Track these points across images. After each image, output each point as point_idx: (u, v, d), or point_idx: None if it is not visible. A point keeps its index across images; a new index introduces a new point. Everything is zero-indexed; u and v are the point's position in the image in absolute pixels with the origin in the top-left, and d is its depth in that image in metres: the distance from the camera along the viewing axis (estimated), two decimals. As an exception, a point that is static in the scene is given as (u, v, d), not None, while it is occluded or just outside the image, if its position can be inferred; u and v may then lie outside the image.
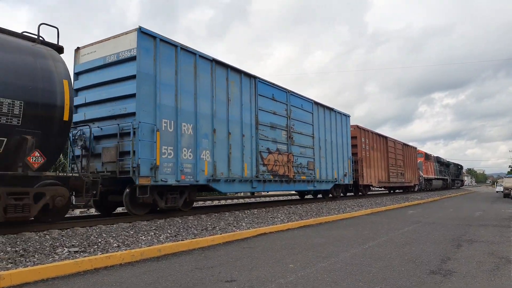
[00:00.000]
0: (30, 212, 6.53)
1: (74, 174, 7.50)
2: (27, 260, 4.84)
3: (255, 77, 12.41)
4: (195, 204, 13.30)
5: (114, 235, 6.63)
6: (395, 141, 27.10)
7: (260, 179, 12.20)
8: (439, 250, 6.16)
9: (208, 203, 16.45)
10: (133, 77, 8.49)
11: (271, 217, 10.11)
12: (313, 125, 15.80)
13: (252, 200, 19.59)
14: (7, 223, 6.55)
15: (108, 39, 9.21)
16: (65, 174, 7.28)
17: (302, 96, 15.20)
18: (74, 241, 6.02)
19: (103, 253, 5.30)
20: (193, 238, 6.64)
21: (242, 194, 22.28)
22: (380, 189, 30.30)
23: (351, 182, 19.29)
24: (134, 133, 8.26)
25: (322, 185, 16.36)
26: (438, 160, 44.56)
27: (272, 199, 20.31)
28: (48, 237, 6.29)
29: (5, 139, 6.19)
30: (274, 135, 13.16)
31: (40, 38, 7.42)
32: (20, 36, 7.20)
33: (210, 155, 10.30)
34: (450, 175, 51.39)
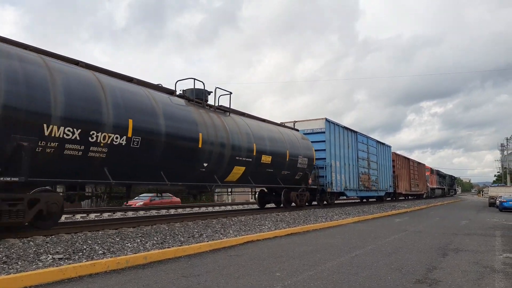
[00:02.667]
0: (305, 197, 16.08)
1: (313, 186, 17.11)
2: (10, 267, 4.75)
3: (356, 132, 22.14)
4: (182, 211, 16.75)
5: (99, 242, 6.59)
6: (413, 161, 37.12)
7: (359, 189, 21.88)
8: (425, 259, 6.15)
9: (196, 209, 17.97)
10: (323, 141, 18.13)
11: (258, 225, 10.12)
12: (376, 155, 25.57)
13: (240, 207, 21.13)
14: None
15: (303, 121, 18.87)
16: (310, 186, 16.84)
17: (371, 138, 24.99)
18: (59, 247, 5.92)
19: (88, 260, 5.22)
20: (179, 246, 6.58)
21: (230, 201, 29.46)
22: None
23: (392, 191, 29.15)
24: (325, 167, 17.84)
25: (380, 193, 26.14)
26: (438, 173, 54.94)
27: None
28: (32, 243, 6.20)
29: (302, 173, 15.73)
30: (363, 164, 22.85)
31: (290, 126, 17.04)
32: (282, 125, 16.74)
33: (344, 177, 19.89)
34: (447, 185, 61.89)
